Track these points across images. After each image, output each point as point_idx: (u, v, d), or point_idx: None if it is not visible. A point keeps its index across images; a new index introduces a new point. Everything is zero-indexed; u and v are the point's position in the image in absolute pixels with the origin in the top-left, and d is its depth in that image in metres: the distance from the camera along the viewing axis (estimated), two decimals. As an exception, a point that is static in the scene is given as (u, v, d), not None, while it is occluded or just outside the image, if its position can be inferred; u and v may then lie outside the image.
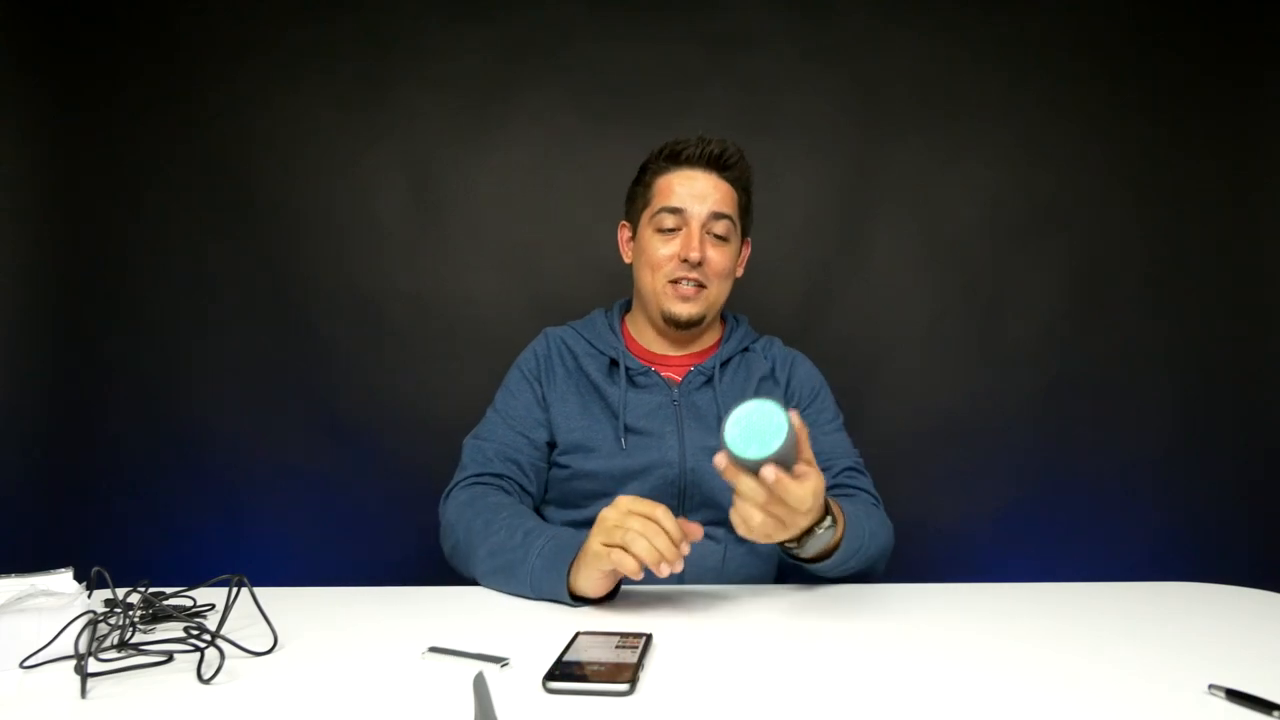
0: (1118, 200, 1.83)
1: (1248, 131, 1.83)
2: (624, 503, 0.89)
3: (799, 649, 0.76)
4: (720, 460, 0.83)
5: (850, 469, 1.22)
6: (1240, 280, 1.83)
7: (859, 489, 1.21)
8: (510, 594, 0.98)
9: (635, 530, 0.85)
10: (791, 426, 0.80)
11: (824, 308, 1.85)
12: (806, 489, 0.83)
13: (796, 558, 0.97)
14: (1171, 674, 0.69)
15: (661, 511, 0.87)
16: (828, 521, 0.93)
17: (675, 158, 1.24)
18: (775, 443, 0.79)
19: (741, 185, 1.26)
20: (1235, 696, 0.62)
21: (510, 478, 1.18)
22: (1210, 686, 0.64)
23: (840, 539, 0.97)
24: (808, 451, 0.86)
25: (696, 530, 0.89)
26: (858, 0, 1.84)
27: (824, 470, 1.14)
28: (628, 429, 1.20)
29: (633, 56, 1.84)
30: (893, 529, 1.16)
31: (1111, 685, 0.67)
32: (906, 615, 0.88)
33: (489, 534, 1.04)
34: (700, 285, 1.23)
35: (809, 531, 0.91)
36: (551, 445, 1.24)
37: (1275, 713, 0.59)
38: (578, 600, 0.92)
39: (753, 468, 0.81)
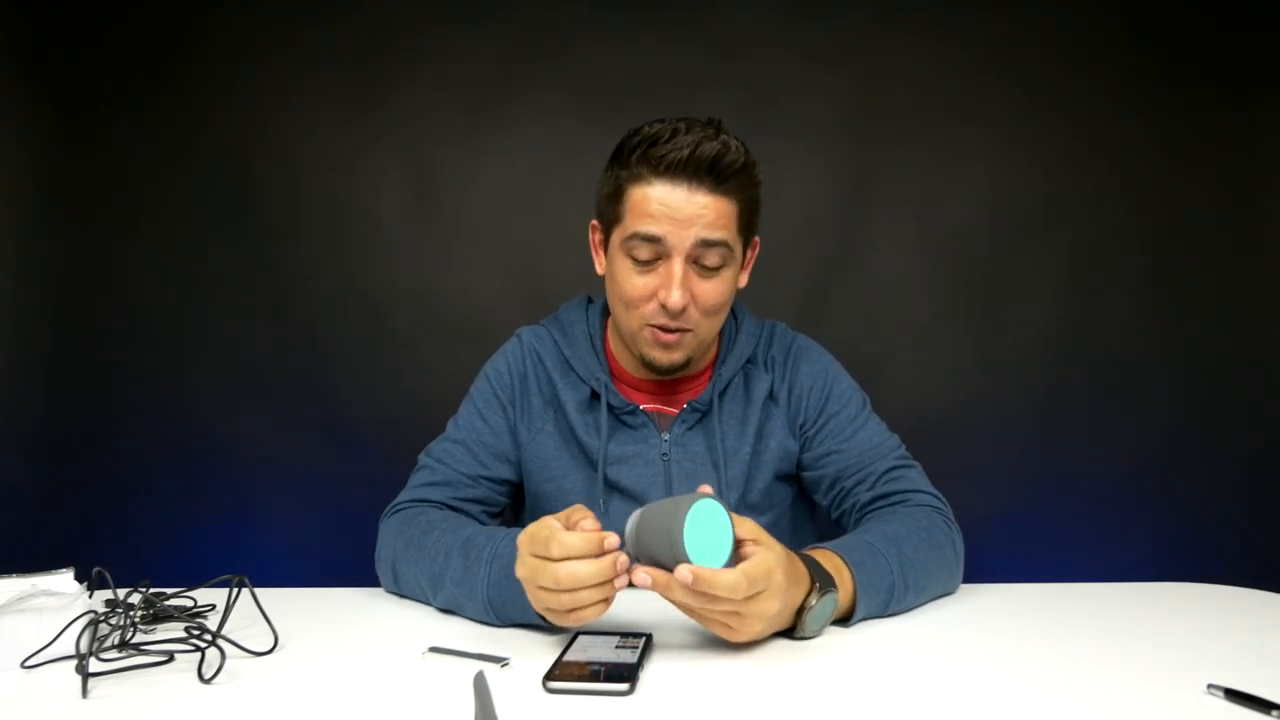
0: (1117, 200, 1.83)
1: (1247, 132, 1.83)
2: (526, 547, 0.73)
3: (798, 649, 0.76)
4: (644, 579, 0.70)
5: (892, 470, 1.03)
6: (1240, 280, 1.83)
7: (908, 493, 1.01)
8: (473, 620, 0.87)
9: (557, 594, 0.71)
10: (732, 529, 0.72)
11: (823, 308, 1.85)
12: (736, 574, 0.68)
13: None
14: (1171, 674, 0.69)
15: (576, 559, 0.70)
16: (814, 598, 0.76)
17: (655, 164, 0.94)
18: (727, 548, 0.72)
19: (746, 194, 0.98)
20: (1234, 696, 0.62)
21: (458, 511, 1.03)
22: (1209, 686, 0.65)
23: (854, 597, 0.81)
24: (747, 528, 0.74)
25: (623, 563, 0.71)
26: (858, 0, 1.84)
27: (860, 482, 1.03)
28: (608, 485, 1.05)
29: (633, 56, 1.84)
30: (957, 536, 0.97)
31: (1111, 685, 0.67)
32: (906, 615, 0.88)
33: (421, 560, 0.90)
34: (685, 329, 1.00)
35: (800, 609, 0.76)
36: (516, 482, 1.11)
37: (1274, 712, 0.60)
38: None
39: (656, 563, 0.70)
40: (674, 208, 0.94)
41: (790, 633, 0.78)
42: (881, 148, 1.85)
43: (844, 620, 0.83)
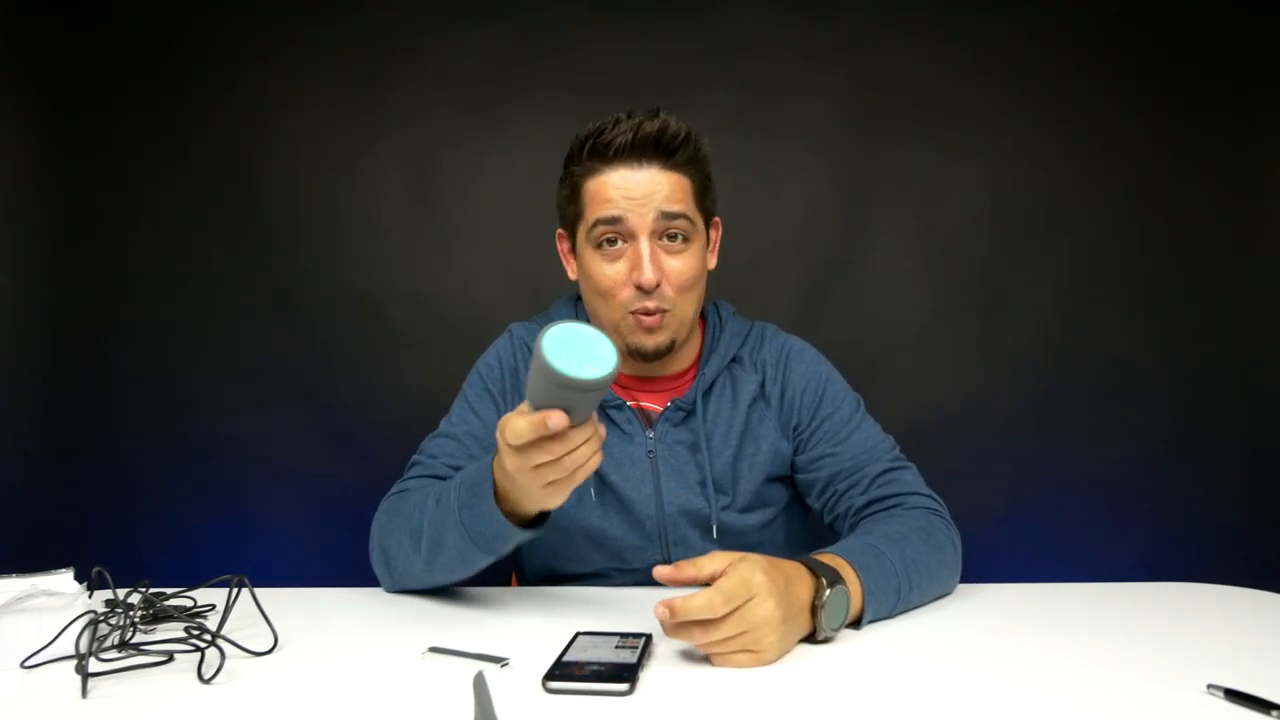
0: (1117, 200, 1.83)
1: (1247, 132, 1.83)
2: (505, 444, 0.73)
3: (797, 649, 0.76)
4: (661, 571, 0.73)
5: (886, 473, 1.03)
6: (1239, 280, 1.83)
7: (903, 495, 1.00)
8: (461, 573, 0.89)
9: (563, 462, 0.72)
10: (616, 358, 0.70)
11: (823, 307, 1.85)
12: (709, 592, 0.69)
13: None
14: (1171, 674, 0.69)
15: (557, 436, 0.70)
16: (825, 593, 0.75)
17: (603, 153, 0.99)
18: (610, 362, 0.68)
19: (695, 167, 1.02)
20: (1234, 696, 0.62)
21: None
22: (1209, 686, 0.64)
23: (862, 600, 0.81)
24: (717, 559, 0.73)
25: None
26: (858, 0, 1.84)
27: (853, 485, 1.03)
28: (598, 477, 1.05)
29: (633, 56, 1.84)
30: (956, 537, 0.97)
31: (1111, 685, 0.67)
32: (905, 615, 0.88)
33: (402, 523, 0.92)
34: (663, 309, 1.01)
35: (813, 608, 0.76)
36: None
37: (1274, 712, 0.60)
38: (527, 525, 0.83)
39: (580, 405, 0.69)
40: (629, 188, 0.98)
41: (812, 636, 0.77)
42: (881, 148, 1.85)
43: (853, 624, 0.82)
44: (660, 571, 0.73)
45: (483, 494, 0.82)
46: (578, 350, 0.68)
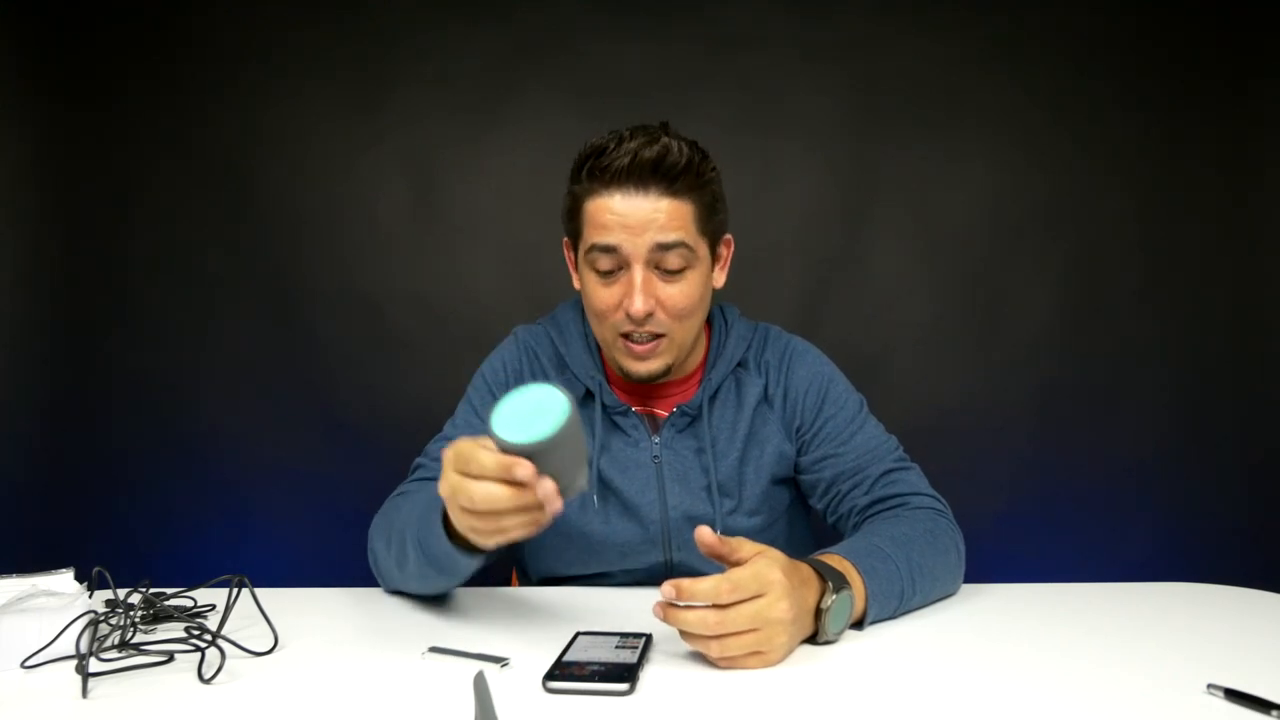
0: (1116, 200, 1.83)
1: (1246, 132, 1.83)
2: (450, 464, 0.70)
3: (797, 649, 0.76)
4: (705, 535, 0.71)
5: (889, 473, 1.03)
6: (1239, 280, 1.83)
7: (907, 495, 1.00)
8: (426, 587, 0.89)
9: (477, 514, 0.68)
10: (572, 413, 0.67)
11: (823, 308, 1.85)
12: (715, 578, 0.69)
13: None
14: (1171, 674, 0.69)
15: (484, 458, 0.67)
16: (830, 598, 0.75)
17: (601, 176, 0.95)
18: (549, 424, 0.66)
19: (700, 191, 0.97)
20: (1234, 696, 0.62)
21: None
22: (1209, 686, 0.65)
23: (864, 603, 0.81)
24: (746, 548, 0.73)
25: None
26: (858, 0, 1.84)
27: (856, 485, 1.04)
28: (603, 483, 1.05)
29: (633, 56, 1.84)
30: (959, 539, 0.97)
31: (1111, 685, 0.67)
32: (906, 615, 0.88)
33: (388, 528, 0.92)
34: (657, 334, 0.99)
35: (818, 611, 0.75)
36: None
37: (1274, 712, 0.60)
38: (472, 552, 0.79)
39: (543, 463, 0.66)
40: (625, 215, 0.94)
41: (812, 638, 0.77)
42: (881, 147, 1.85)
43: (855, 625, 0.82)
44: (703, 532, 0.71)
45: (435, 508, 0.79)
46: (528, 413, 0.68)
